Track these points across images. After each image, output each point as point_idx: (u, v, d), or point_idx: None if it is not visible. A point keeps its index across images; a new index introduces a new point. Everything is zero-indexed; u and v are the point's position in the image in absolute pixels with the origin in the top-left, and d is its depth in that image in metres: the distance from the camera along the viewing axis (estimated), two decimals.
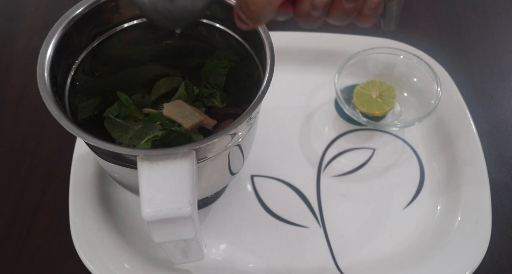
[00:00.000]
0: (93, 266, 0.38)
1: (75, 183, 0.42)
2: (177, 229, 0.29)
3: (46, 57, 0.31)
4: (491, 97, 0.50)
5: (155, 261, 0.39)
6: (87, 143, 0.30)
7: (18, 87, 0.51)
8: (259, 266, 0.40)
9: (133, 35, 0.38)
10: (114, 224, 0.41)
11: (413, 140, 0.47)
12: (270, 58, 0.32)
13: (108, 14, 0.35)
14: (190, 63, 0.42)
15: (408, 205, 0.43)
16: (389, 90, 0.47)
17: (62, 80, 0.33)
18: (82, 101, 0.36)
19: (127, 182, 0.35)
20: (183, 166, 0.28)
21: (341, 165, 0.45)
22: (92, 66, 0.37)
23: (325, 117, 0.48)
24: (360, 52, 0.48)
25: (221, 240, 0.41)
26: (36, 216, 0.43)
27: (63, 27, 0.32)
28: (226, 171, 0.36)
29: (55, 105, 0.29)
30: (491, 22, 0.56)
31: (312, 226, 0.42)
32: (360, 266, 0.40)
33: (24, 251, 0.41)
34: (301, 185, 0.44)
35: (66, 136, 0.44)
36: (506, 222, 0.43)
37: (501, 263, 0.41)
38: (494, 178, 0.44)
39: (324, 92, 0.50)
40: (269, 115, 0.46)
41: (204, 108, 0.41)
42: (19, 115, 0.49)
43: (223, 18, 0.37)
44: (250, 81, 0.36)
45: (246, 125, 0.32)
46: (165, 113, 0.39)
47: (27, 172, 0.45)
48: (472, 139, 0.45)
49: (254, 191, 0.44)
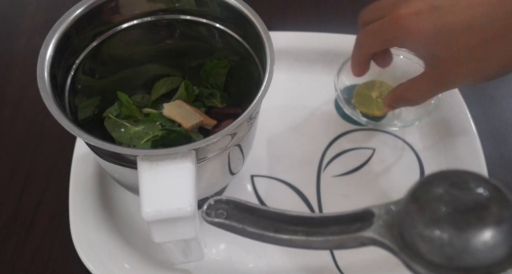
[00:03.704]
0: (93, 266, 0.38)
1: (75, 183, 0.42)
2: (177, 229, 0.29)
3: (46, 57, 0.31)
4: (491, 97, 0.50)
5: (155, 261, 0.39)
6: (87, 143, 0.30)
7: (18, 87, 0.51)
8: (259, 266, 0.40)
9: (133, 35, 0.38)
10: (114, 224, 0.41)
11: (413, 140, 0.47)
12: (270, 58, 0.32)
13: (108, 14, 0.35)
14: (190, 63, 0.42)
15: None
16: (389, 90, 0.47)
17: (62, 80, 0.33)
18: (82, 101, 0.36)
19: (127, 182, 0.35)
20: (183, 166, 0.28)
21: (341, 165, 0.45)
22: (92, 66, 0.37)
23: (325, 117, 0.48)
24: None
25: (221, 240, 0.41)
26: (36, 216, 0.43)
27: (63, 27, 0.32)
28: (226, 171, 0.36)
29: (55, 105, 0.29)
30: None
31: None
32: (360, 266, 0.40)
33: (24, 251, 0.41)
34: (301, 185, 0.44)
35: (66, 136, 0.43)
36: None
37: None
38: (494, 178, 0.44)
39: (324, 92, 0.50)
40: (269, 115, 0.46)
41: (204, 108, 0.41)
42: (19, 115, 0.49)
43: (223, 18, 0.37)
44: (250, 81, 0.36)
45: (246, 125, 0.32)
46: (165, 113, 0.39)
47: (27, 172, 0.45)
48: (472, 139, 0.45)
49: (254, 191, 0.44)
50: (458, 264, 0.20)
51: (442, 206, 0.20)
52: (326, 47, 0.51)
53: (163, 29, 0.38)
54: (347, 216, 0.23)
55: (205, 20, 0.37)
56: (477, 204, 0.20)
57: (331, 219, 0.23)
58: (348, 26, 0.55)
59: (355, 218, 0.22)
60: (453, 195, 0.20)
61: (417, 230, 0.20)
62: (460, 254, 0.20)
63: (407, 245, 0.21)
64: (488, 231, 0.19)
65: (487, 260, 0.20)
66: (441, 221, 0.20)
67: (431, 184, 0.21)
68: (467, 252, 0.20)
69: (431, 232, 0.20)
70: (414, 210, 0.21)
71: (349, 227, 0.22)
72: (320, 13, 0.57)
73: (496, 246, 0.19)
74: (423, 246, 0.20)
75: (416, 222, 0.20)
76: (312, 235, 0.23)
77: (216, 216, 0.23)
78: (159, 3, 0.37)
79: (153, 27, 0.38)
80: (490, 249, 0.20)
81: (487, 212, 0.20)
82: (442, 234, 0.20)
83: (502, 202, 0.20)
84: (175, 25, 0.38)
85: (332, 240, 0.22)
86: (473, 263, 0.20)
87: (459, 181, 0.21)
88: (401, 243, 0.21)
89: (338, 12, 0.57)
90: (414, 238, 0.20)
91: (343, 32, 0.51)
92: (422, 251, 0.20)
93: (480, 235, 0.19)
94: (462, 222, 0.19)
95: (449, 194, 0.20)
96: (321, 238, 0.22)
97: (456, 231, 0.20)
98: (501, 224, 0.19)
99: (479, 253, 0.20)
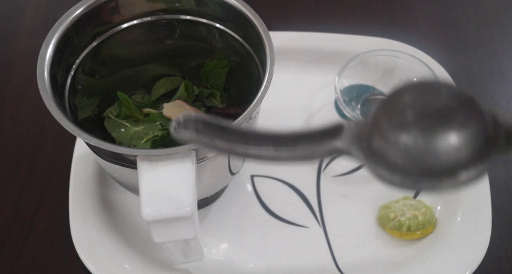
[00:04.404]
0: (93, 266, 0.38)
1: (75, 183, 0.42)
2: (177, 229, 0.29)
3: (46, 57, 0.31)
4: (491, 97, 0.50)
5: (155, 261, 0.39)
6: (87, 143, 0.30)
7: (18, 87, 0.51)
8: (259, 266, 0.40)
9: (133, 35, 0.38)
10: (114, 224, 0.41)
11: None
12: (270, 58, 0.32)
13: (108, 14, 0.35)
14: (190, 63, 0.42)
15: None
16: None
17: (62, 80, 0.33)
18: (82, 101, 0.36)
19: (127, 182, 0.35)
20: (183, 166, 0.28)
21: (341, 165, 0.45)
22: (92, 66, 0.37)
23: (325, 117, 0.48)
24: (359, 54, 0.48)
25: (221, 240, 0.41)
26: (36, 216, 0.43)
27: (63, 27, 0.32)
28: (226, 171, 0.36)
29: (55, 105, 0.29)
30: (491, 22, 0.56)
31: (312, 226, 0.42)
32: (360, 266, 0.40)
33: (24, 251, 0.41)
34: (301, 185, 0.44)
35: (66, 136, 0.44)
36: (506, 222, 0.42)
37: (501, 263, 0.41)
38: (494, 178, 0.44)
39: (324, 93, 0.50)
40: (269, 115, 0.46)
41: (204, 108, 0.41)
42: (19, 115, 0.49)
43: (223, 18, 0.37)
44: (250, 81, 0.36)
45: (246, 125, 0.32)
46: (165, 113, 0.39)
47: (27, 172, 0.45)
48: None
49: (254, 191, 0.44)
50: (422, 165, 0.20)
51: (410, 111, 0.20)
52: (326, 47, 0.51)
53: (163, 29, 0.38)
54: (317, 131, 0.23)
55: (205, 20, 0.37)
56: (445, 109, 0.20)
57: (301, 135, 0.23)
58: (348, 26, 0.55)
59: (325, 132, 0.23)
60: (422, 101, 0.21)
61: (384, 135, 0.20)
62: (424, 155, 0.20)
63: (374, 153, 0.21)
64: (453, 133, 0.20)
65: (451, 162, 0.20)
66: (408, 125, 0.20)
67: (400, 93, 0.21)
68: (431, 153, 0.20)
69: (397, 136, 0.20)
70: (381, 118, 0.21)
71: (319, 142, 0.23)
72: (320, 13, 0.57)
73: (461, 147, 0.20)
74: (389, 150, 0.20)
75: (383, 128, 0.20)
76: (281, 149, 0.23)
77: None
78: (159, 3, 0.37)
79: (153, 27, 0.38)
80: (455, 150, 0.20)
81: (455, 116, 0.20)
82: (408, 137, 0.20)
83: (470, 107, 0.21)
84: (175, 25, 0.38)
85: (301, 153, 0.23)
86: (436, 164, 0.20)
87: (429, 89, 0.21)
88: (368, 151, 0.21)
89: (338, 12, 0.57)
90: (381, 144, 0.21)
91: (343, 32, 0.51)
92: (388, 157, 0.21)
93: (445, 136, 0.20)
94: (428, 125, 0.20)
95: (418, 100, 0.21)
96: (290, 151, 0.23)
97: (421, 133, 0.20)
98: (466, 126, 0.20)
99: (443, 154, 0.20)
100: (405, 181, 0.21)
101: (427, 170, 0.20)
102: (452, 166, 0.20)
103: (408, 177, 0.21)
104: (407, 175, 0.21)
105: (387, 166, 0.21)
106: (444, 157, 0.20)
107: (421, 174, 0.20)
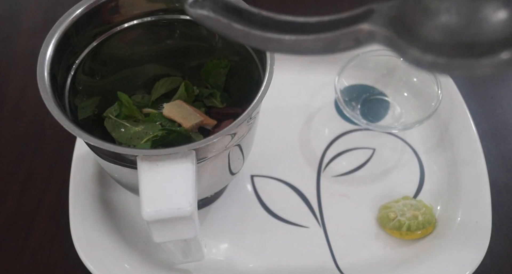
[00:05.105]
0: (93, 266, 0.38)
1: (75, 183, 0.42)
2: (177, 229, 0.29)
3: (46, 57, 0.31)
4: (491, 97, 0.50)
5: (155, 261, 0.39)
6: (87, 143, 0.30)
7: (18, 87, 0.51)
8: (259, 266, 0.40)
9: (133, 35, 0.38)
10: (114, 224, 0.41)
11: (413, 140, 0.47)
12: (270, 58, 0.32)
13: (108, 14, 0.35)
14: (190, 63, 0.42)
15: None
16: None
17: (62, 80, 0.33)
18: (82, 101, 0.36)
19: (127, 182, 0.35)
20: (183, 166, 0.28)
21: (341, 165, 0.45)
22: (92, 66, 0.37)
23: (325, 117, 0.48)
24: (359, 54, 0.48)
25: (221, 240, 0.41)
26: (36, 216, 0.43)
27: (63, 27, 0.32)
28: (226, 171, 0.36)
29: (55, 105, 0.29)
30: None
31: (312, 226, 0.42)
32: (360, 266, 0.40)
33: (24, 251, 0.41)
34: (301, 185, 0.44)
35: (66, 136, 0.43)
36: (506, 222, 0.43)
37: (501, 263, 0.41)
38: (494, 178, 0.44)
39: (324, 93, 0.50)
40: (269, 115, 0.46)
41: (204, 108, 0.41)
42: (19, 115, 0.49)
43: None
44: (250, 81, 0.36)
45: (246, 125, 0.32)
46: (165, 113, 0.39)
47: (27, 172, 0.45)
48: (472, 139, 0.45)
49: (254, 191, 0.44)
50: (462, 39, 0.18)
51: None
52: None
53: (163, 29, 0.38)
54: (345, 17, 0.20)
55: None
56: None
57: (327, 21, 0.21)
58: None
59: (353, 17, 0.20)
60: None
61: (423, 5, 0.18)
62: (466, 27, 0.18)
63: (408, 31, 0.19)
64: (503, 2, 0.17)
65: (494, 37, 0.18)
66: None
67: None
68: (475, 24, 0.18)
69: (440, 4, 0.18)
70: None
71: (345, 27, 0.20)
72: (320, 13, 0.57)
73: (508, 21, 0.17)
74: (426, 24, 0.18)
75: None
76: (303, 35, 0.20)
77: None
78: (159, 3, 0.37)
79: (153, 27, 0.38)
80: (501, 23, 0.18)
81: None
82: (452, 3, 0.18)
83: None
84: (175, 25, 0.38)
85: (324, 38, 0.20)
86: (478, 39, 0.18)
87: None
88: (401, 29, 0.19)
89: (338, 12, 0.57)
90: (417, 18, 0.19)
91: None
92: (423, 33, 0.19)
93: (494, 6, 0.17)
94: None
95: None
96: (312, 36, 0.20)
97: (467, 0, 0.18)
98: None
99: (488, 27, 0.18)
100: (438, 60, 0.18)
101: (465, 45, 0.18)
102: (495, 42, 0.18)
103: (443, 56, 0.18)
104: (441, 53, 0.18)
105: (421, 44, 0.18)
106: (488, 31, 0.18)
107: (458, 51, 0.18)
